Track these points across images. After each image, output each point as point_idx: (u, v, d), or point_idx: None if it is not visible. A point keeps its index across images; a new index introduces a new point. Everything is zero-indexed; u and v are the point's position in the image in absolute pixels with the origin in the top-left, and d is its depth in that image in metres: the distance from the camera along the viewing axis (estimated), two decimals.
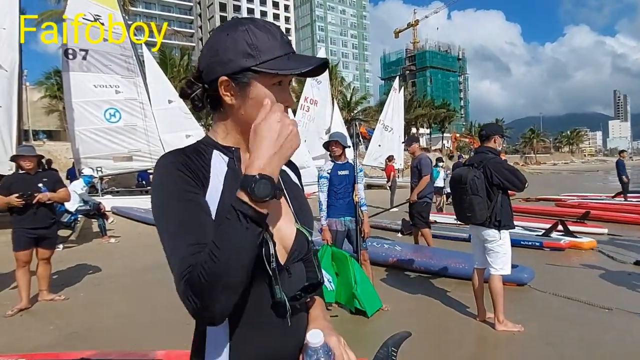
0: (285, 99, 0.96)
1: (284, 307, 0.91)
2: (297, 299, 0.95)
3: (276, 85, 0.95)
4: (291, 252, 0.99)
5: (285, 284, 0.94)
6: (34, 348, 3.52)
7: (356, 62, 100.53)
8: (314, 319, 1.02)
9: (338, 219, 4.62)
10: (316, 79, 20.36)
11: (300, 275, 1.02)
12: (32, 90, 30.07)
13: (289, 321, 0.92)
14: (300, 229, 1.01)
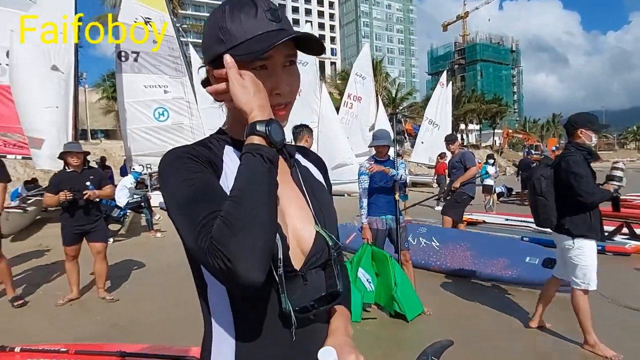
0: (275, 85, 0.85)
1: (290, 318, 0.82)
2: (308, 309, 0.85)
3: (260, 70, 0.84)
4: (308, 257, 0.89)
5: (299, 292, 0.85)
6: (79, 338, 3.64)
7: (402, 58, 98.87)
8: (333, 332, 0.92)
9: (379, 217, 4.46)
10: (360, 74, 20.16)
11: (318, 283, 0.91)
12: (90, 92, 31.91)
13: (293, 335, 0.84)
14: (320, 232, 0.91)
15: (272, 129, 0.77)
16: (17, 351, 2.84)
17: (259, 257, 0.70)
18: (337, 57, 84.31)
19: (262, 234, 0.71)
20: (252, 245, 0.69)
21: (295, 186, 0.96)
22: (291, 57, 0.87)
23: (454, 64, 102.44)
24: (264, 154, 0.75)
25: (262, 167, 0.75)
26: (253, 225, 0.70)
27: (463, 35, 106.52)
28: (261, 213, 0.72)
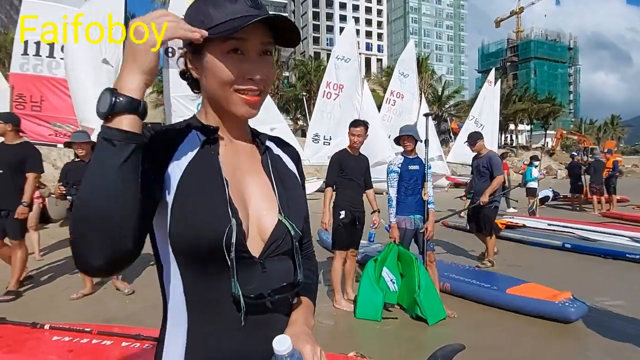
0: (248, 70, 0.85)
1: (239, 303, 0.82)
2: (263, 297, 0.85)
3: (234, 54, 0.84)
4: (267, 245, 0.88)
5: (257, 280, 0.86)
6: (107, 319, 3.82)
7: (451, 55, 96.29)
8: (292, 322, 0.92)
9: (407, 217, 4.38)
10: (403, 72, 19.81)
11: (280, 272, 0.90)
12: None
13: (241, 320, 0.83)
14: (283, 221, 0.90)
15: (101, 100, 0.71)
16: (46, 328, 3.01)
17: (97, 245, 0.69)
18: (383, 53, 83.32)
19: (95, 224, 0.69)
20: (87, 235, 0.69)
21: (264, 174, 0.96)
22: (267, 46, 0.87)
23: (506, 61, 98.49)
24: (106, 137, 0.70)
25: (105, 153, 0.69)
26: (88, 215, 0.69)
27: (517, 31, 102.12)
28: (97, 198, 0.69)
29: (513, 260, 6.43)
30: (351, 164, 4.38)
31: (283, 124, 15.52)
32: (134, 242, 0.72)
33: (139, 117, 0.72)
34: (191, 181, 0.83)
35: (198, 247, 0.82)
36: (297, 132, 35.97)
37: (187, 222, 0.81)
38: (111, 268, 0.73)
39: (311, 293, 1.04)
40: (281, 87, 41.11)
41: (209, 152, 0.89)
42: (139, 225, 0.73)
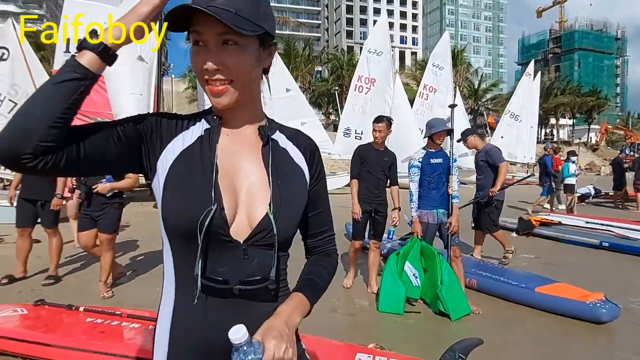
0: (204, 60, 0.87)
1: (196, 282, 0.87)
2: (227, 283, 0.89)
3: (198, 46, 0.89)
4: (253, 233, 0.91)
5: (233, 263, 0.90)
6: (138, 305, 3.97)
7: (489, 47, 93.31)
8: (274, 315, 0.90)
9: (430, 211, 4.33)
10: (437, 64, 19.41)
11: (261, 262, 0.92)
12: (177, 82, 34.26)
13: (195, 299, 0.89)
14: (269, 214, 0.91)
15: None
16: (81, 310, 3.19)
17: (9, 131, 0.78)
18: (418, 46, 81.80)
19: (20, 116, 0.79)
20: (10, 121, 0.79)
21: (262, 167, 0.96)
22: (226, 37, 0.86)
23: (548, 53, 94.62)
24: (65, 62, 0.82)
25: (58, 72, 0.81)
26: (21, 108, 0.80)
27: (560, 21, 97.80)
28: (29, 102, 0.79)
29: (546, 259, 6.25)
30: (372, 158, 4.47)
31: (314, 118, 15.64)
32: (34, 143, 0.77)
33: (99, 58, 0.82)
34: (182, 166, 0.90)
35: (180, 227, 0.88)
36: (329, 127, 35.98)
37: (173, 203, 0.89)
38: (5, 156, 0.78)
39: (313, 291, 1.00)
40: (313, 81, 41.13)
41: (208, 139, 0.94)
42: (43, 137, 0.78)
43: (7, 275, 4.76)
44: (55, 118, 0.78)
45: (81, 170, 0.87)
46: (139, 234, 7.76)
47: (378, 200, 4.53)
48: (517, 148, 22.15)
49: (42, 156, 0.78)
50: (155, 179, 0.93)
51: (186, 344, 0.92)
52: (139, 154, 0.91)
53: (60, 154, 0.80)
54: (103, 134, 0.86)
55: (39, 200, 4.69)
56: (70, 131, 0.81)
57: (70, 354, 2.67)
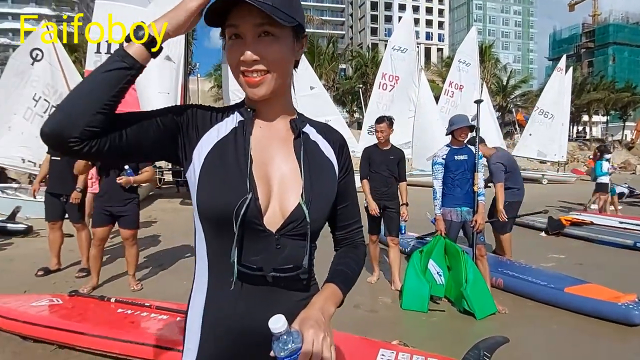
0: (242, 52, 0.90)
1: (232, 269, 0.90)
2: (261, 270, 0.92)
3: (235, 39, 0.92)
4: (285, 224, 0.94)
5: (266, 253, 0.92)
6: (166, 297, 4.08)
7: (518, 42, 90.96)
8: (309, 305, 0.93)
9: (453, 209, 4.28)
10: (464, 60, 19.08)
11: (293, 252, 0.95)
12: (203, 81, 34.79)
13: (232, 284, 0.91)
14: (302, 205, 0.94)
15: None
16: (112, 301, 3.31)
17: (57, 115, 0.82)
18: (444, 43, 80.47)
19: (70, 100, 0.83)
20: (60, 105, 0.83)
21: (294, 158, 0.99)
22: (263, 28, 0.89)
23: (581, 47, 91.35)
24: (114, 51, 0.87)
25: (105, 61, 0.86)
26: (71, 93, 0.85)
27: (593, 15, 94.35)
28: (79, 86, 0.84)
29: (576, 259, 6.08)
30: (377, 158, 4.68)
31: (337, 116, 15.62)
32: (81, 128, 0.81)
33: (145, 49, 0.86)
34: (218, 156, 0.94)
35: (216, 216, 0.91)
36: (353, 125, 35.85)
37: (209, 192, 0.91)
38: (53, 139, 0.82)
39: (344, 282, 1.02)
40: (337, 79, 41.04)
41: (242, 131, 0.97)
42: (89, 122, 0.81)
43: (42, 268, 4.98)
44: (103, 104, 0.82)
45: (121, 156, 0.90)
46: (165, 229, 7.96)
47: (386, 197, 4.67)
48: (548, 146, 21.58)
49: (88, 141, 0.82)
50: (190, 168, 0.95)
51: (219, 331, 0.94)
52: (175, 143, 0.94)
53: (104, 139, 0.84)
54: (144, 122, 0.90)
55: (62, 195, 4.84)
56: (114, 118, 0.85)
57: (103, 343, 2.78)
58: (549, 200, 12.51)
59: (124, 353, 2.75)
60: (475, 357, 2.44)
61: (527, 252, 6.14)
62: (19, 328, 3.05)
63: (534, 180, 22.35)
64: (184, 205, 11.19)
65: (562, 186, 20.46)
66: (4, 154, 9.24)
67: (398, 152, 4.77)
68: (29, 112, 9.25)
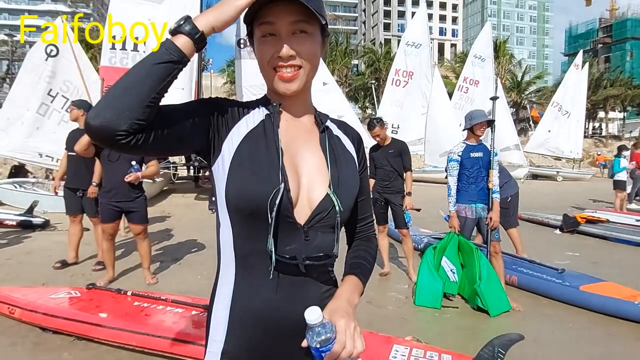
0: (277, 48, 0.93)
1: (271, 258, 0.91)
2: (295, 259, 0.93)
3: (269, 37, 0.94)
4: (313, 215, 0.96)
5: (296, 244, 0.94)
6: (182, 291, 4.14)
7: (533, 37, 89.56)
8: (335, 296, 0.98)
9: (468, 206, 4.24)
10: (479, 56, 18.87)
11: (322, 244, 0.98)
12: (216, 77, 34.97)
13: (270, 273, 0.92)
14: (330, 195, 0.97)
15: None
16: (128, 294, 3.36)
17: (105, 107, 0.80)
18: (458, 38, 79.60)
19: (117, 91, 0.81)
20: (106, 97, 0.81)
21: (320, 151, 1.03)
22: (298, 25, 0.93)
23: (597, 43, 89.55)
24: (162, 43, 0.85)
25: (154, 53, 0.83)
26: (117, 83, 0.82)
27: (610, 9, 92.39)
28: (126, 78, 0.82)
29: (592, 257, 6.00)
30: (377, 154, 4.91)
31: (350, 112, 15.55)
32: (130, 121, 0.79)
33: (192, 42, 0.85)
34: (248, 148, 0.95)
35: (247, 206, 0.92)
36: (366, 121, 35.65)
37: (240, 183, 0.92)
38: (101, 132, 0.80)
39: (363, 273, 1.07)
40: (350, 75, 40.88)
41: (270, 124, 0.99)
42: (138, 115, 0.80)
43: (60, 260, 5.07)
44: (151, 98, 0.81)
45: (164, 150, 0.91)
46: (180, 224, 8.05)
47: (389, 191, 4.84)
48: (563, 142, 21.29)
49: (135, 134, 0.81)
50: (218, 160, 0.96)
51: (249, 321, 0.95)
52: (207, 136, 0.95)
53: (149, 132, 0.83)
54: (182, 116, 0.90)
55: (79, 189, 4.91)
56: (157, 112, 0.85)
57: (120, 335, 2.83)
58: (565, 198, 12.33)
59: (141, 345, 2.80)
60: (490, 354, 2.43)
61: (541, 249, 6.09)
62: (39, 319, 3.12)
63: (549, 177, 22.09)
64: (197, 200, 11.29)
65: (577, 183, 20.17)
66: (19, 149, 9.38)
67: (398, 145, 4.91)
68: (43, 108, 9.31)
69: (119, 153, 4.09)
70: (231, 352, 0.96)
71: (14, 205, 8.80)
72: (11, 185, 10.00)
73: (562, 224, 7.82)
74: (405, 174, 4.85)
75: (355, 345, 0.85)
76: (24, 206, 7.68)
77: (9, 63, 35.66)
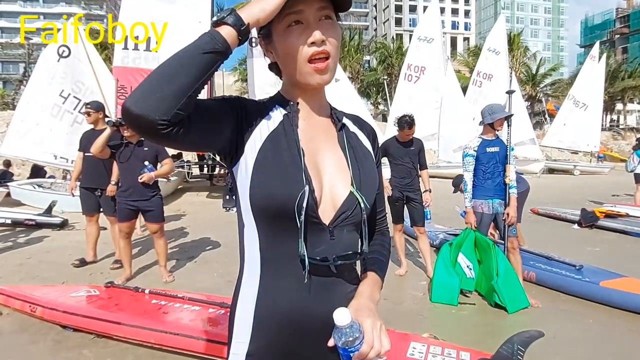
0: (309, 34, 0.92)
1: (303, 262, 0.90)
2: (326, 260, 0.93)
3: (295, 25, 0.92)
4: (338, 214, 0.95)
5: (324, 245, 0.94)
6: (198, 289, 4.16)
7: (548, 29, 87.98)
8: (357, 295, 0.98)
9: (485, 201, 4.19)
10: (493, 49, 18.63)
11: (347, 242, 0.98)
12: (228, 75, 35.07)
13: (305, 277, 0.91)
14: (354, 193, 0.96)
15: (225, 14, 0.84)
16: (146, 292, 3.39)
17: (147, 95, 0.76)
18: (471, 32, 78.59)
19: (161, 77, 0.77)
20: (147, 83, 0.77)
21: (339, 149, 1.02)
22: (325, 12, 0.93)
23: (614, 33, 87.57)
24: (207, 32, 0.82)
25: (198, 41, 0.81)
26: (162, 68, 0.79)
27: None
28: (172, 63, 0.78)
29: (612, 252, 5.89)
30: (397, 150, 4.75)
31: (363, 108, 15.51)
32: (172, 110, 0.76)
33: (236, 32, 0.83)
34: (271, 149, 0.94)
35: (273, 209, 0.91)
36: (378, 117, 35.53)
37: (265, 185, 0.91)
38: (142, 120, 0.76)
39: (381, 268, 1.08)
40: (362, 71, 40.67)
41: (289, 124, 0.98)
42: (181, 105, 0.77)
43: (79, 259, 5.15)
44: (195, 88, 0.78)
45: (198, 143, 0.88)
46: (194, 222, 8.11)
47: (409, 188, 4.74)
48: (580, 136, 20.92)
49: (175, 125, 0.78)
50: (241, 161, 0.94)
51: (276, 322, 0.94)
52: (231, 135, 0.93)
53: (187, 124, 0.80)
54: (214, 110, 0.89)
55: (97, 189, 4.97)
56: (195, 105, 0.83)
57: (139, 332, 2.86)
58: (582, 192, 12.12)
59: (159, 343, 2.82)
60: (509, 352, 2.39)
61: (560, 244, 6.00)
62: (59, 318, 3.17)
63: (566, 172, 21.72)
64: (211, 198, 11.37)
65: (595, 177, 19.79)
66: (35, 150, 9.51)
67: (418, 142, 4.83)
68: (56, 109, 9.37)
69: (129, 154, 4.24)
70: (256, 354, 0.96)
71: (33, 205, 8.97)
72: (30, 185, 10.19)
73: (581, 218, 7.68)
74: (422, 172, 4.81)
75: (382, 344, 0.86)
76: (43, 206, 7.82)
77: (25, 66, 36.34)
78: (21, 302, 3.38)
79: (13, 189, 9.72)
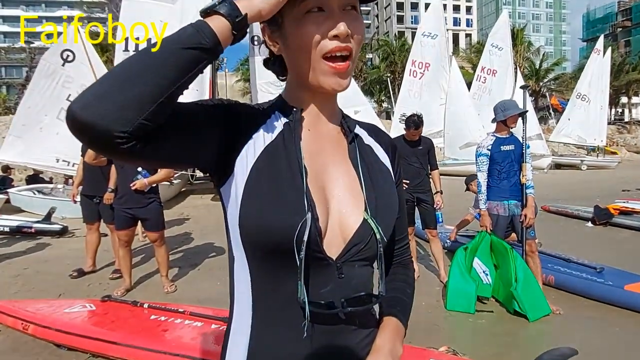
0: (332, 25, 0.72)
1: (303, 310, 0.71)
2: (333, 306, 0.73)
3: (317, 12, 0.72)
4: (348, 247, 0.75)
5: (331, 285, 0.74)
6: (200, 300, 3.99)
7: (550, 24, 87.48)
8: (376, 349, 0.77)
9: (500, 202, 3.98)
10: (496, 45, 18.40)
11: (358, 280, 0.77)
12: (230, 75, 34.99)
13: (304, 330, 0.72)
14: (368, 221, 0.76)
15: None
16: (145, 307, 3.20)
17: (102, 97, 0.58)
18: (472, 28, 78.18)
19: (125, 78, 0.59)
20: (105, 85, 0.59)
21: (351, 165, 0.82)
22: (350, 1, 0.75)
23: (617, 27, 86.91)
24: (192, 23, 0.64)
25: (181, 33, 0.63)
26: (132, 63, 0.61)
27: None
28: (143, 58, 0.61)
29: (630, 251, 5.65)
30: (405, 150, 4.53)
31: (367, 106, 15.29)
32: (136, 120, 0.58)
33: (230, 25, 0.65)
34: (266, 166, 0.74)
35: (267, 241, 0.72)
36: (382, 115, 35.33)
37: (258, 211, 0.72)
38: (94, 132, 0.58)
39: (403, 311, 0.88)
40: (365, 69, 40.50)
41: (290, 135, 0.78)
42: (148, 114, 0.59)
43: (77, 269, 4.97)
44: (169, 93, 0.60)
45: (169, 161, 0.72)
46: (198, 226, 7.94)
47: (420, 189, 4.57)
48: (586, 130, 20.70)
49: (139, 139, 0.60)
50: (230, 181, 0.76)
51: None
52: (217, 148, 0.74)
53: (158, 137, 0.63)
54: (198, 119, 0.70)
55: (95, 196, 4.80)
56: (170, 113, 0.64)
57: (135, 353, 2.67)
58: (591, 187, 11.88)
59: None
60: None
61: (575, 244, 5.78)
62: (53, 336, 2.99)
63: (573, 167, 21.47)
64: (216, 201, 11.19)
65: (603, 172, 19.51)
66: (37, 156, 9.40)
67: (427, 141, 4.69)
68: (63, 113, 9.31)
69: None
70: None
71: (33, 212, 8.82)
72: (30, 192, 10.05)
73: (594, 216, 7.46)
74: (434, 172, 4.64)
75: None
76: (44, 212, 7.65)
77: (27, 70, 36.31)
78: (13, 319, 3.19)
79: (13, 196, 9.59)
